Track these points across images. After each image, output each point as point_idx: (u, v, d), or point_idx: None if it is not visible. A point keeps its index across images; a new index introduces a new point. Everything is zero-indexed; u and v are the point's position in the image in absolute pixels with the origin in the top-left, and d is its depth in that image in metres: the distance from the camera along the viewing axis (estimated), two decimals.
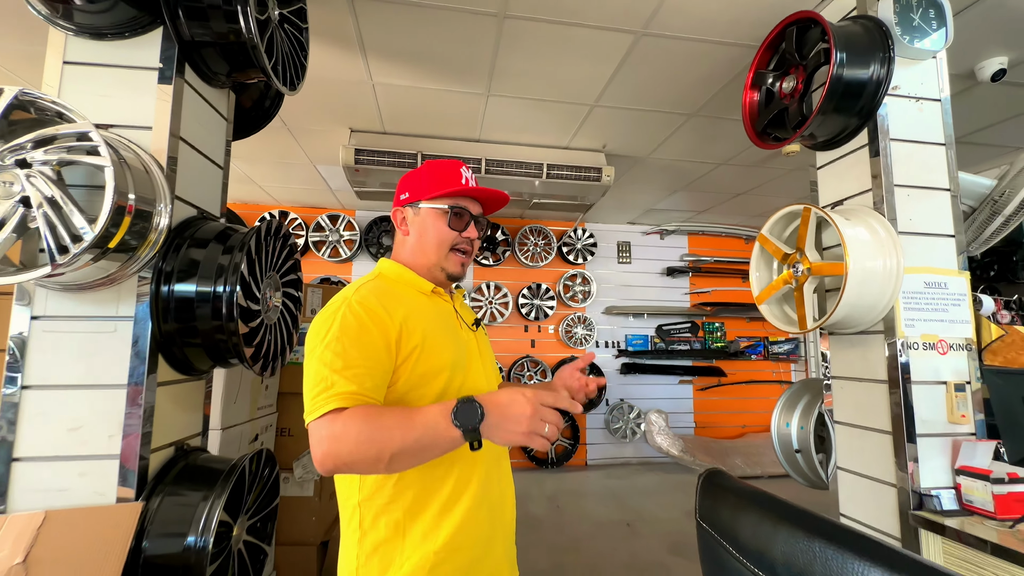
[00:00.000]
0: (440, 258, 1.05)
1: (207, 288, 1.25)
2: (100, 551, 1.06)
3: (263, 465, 1.45)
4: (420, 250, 1.05)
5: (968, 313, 1.64)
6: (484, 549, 0.93)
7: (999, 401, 1.40)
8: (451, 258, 1.05)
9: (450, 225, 1.03)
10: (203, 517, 1.18)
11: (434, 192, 1.03)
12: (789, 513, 0.67)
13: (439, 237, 1.04)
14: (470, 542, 0.91)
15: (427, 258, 1.05)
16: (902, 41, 1.66)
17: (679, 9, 1.93)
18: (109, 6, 1.22)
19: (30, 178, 1.00)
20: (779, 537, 0.66)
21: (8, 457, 1.12)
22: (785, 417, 2.06)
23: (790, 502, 0.69)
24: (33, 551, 1.02)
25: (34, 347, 1.17)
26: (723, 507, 0.79)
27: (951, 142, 1.72)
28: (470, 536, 0.91)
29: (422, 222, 1.05)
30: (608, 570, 2.77)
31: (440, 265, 1.05)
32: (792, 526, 0.65)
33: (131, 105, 1.27)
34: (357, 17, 2.00)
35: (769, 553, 0.67)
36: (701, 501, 0.84)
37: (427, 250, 1.05)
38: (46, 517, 1.07)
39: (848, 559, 0.56)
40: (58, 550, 1.04)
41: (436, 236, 1.04)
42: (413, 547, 0.87)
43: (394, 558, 0.87)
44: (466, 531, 0.90)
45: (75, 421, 1.16)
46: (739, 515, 0.75)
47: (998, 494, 1.41)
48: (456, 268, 1.06)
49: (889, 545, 0.55)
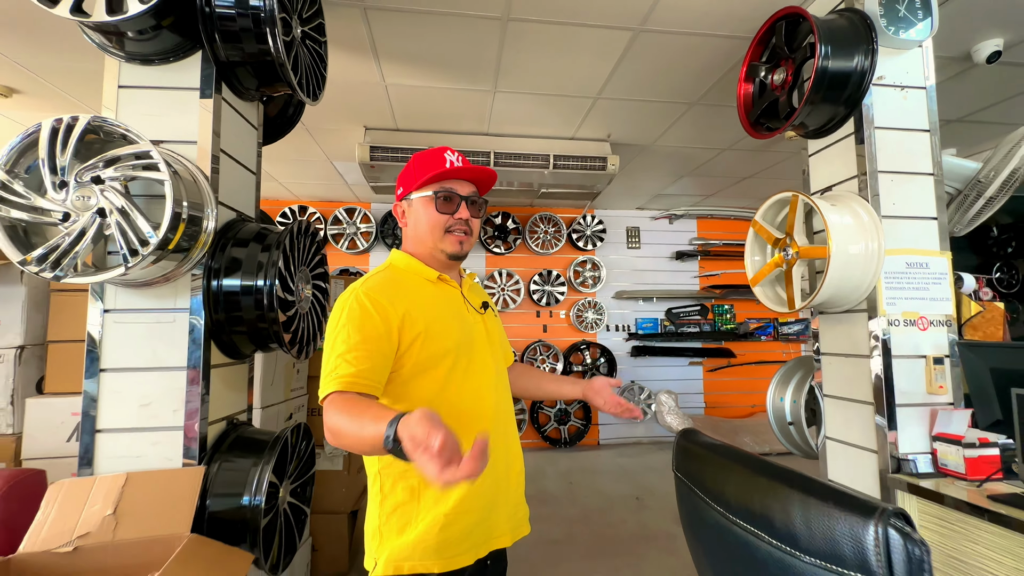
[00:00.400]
0: (436, 241, 1.09)
1: (250, 282, 1.43)
2: (173, 506, 1.26)
3: (301, 437, 1.64)
4: (418, 238, 1.12)
5: (949, 291, 1.74)
6: (486, 513, 1.05)
7: (970, 372, 1.51)
8: (447, 239, 1.09)
9: (438, 209, 1.08)
10: (255, 479, 1.37)
11: (420, 180, 1.08)
12: (739, 458, 0.82)
13: (431, 222, 1.09)
14: (475, 506, 1.02)
15: (425, 245, 1.11)
16: (886, 32, 1.73)
17: (673, 6, 2.03)
18: (155, 35, 1.38)
19: (104, 192, 1.18)
20: (731, 479, 0.81)
21: (93, 429, 1.33)
22: (780, 392, 2.19)
23: (741, 450, 0.84)
24: (120, 505, 1.23)
25: (108, 336, 1.36)
26: (692, 459, 0.94)
27: (936, 128, 1.80)
28: (475, 502, 1.02)
29: (415, 212, 1.11)
30: (618, 538, 2.95)
31: (439, 247, 1.10)
32: (741, 468, 0.80)
33: (177, 122, 1.44)
34: (370, 26, 2.13)
35: (725, 492, 0.82)
36: (676, 455, 1.00)
37: (423, 237, 1.10)
38: (127, 478, 1.27)
39: (776, 486, 0.71)
40: (139, 505, 1.24)
41: (428, 222, 1.09)
42: (427, 509, 0.99)
43: (411, 518, 1.00)
44: (472, 497, 1.01)
45: (145, 398, 1.35)
46: (704, 464, 0.90)
47: (969, 457, 1.53)
48: (454, 247, 1.10)
49: (801, 473, 0.70)
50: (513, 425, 1.19)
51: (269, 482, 1.37)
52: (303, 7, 1.63)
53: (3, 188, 1.14)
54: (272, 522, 1.44)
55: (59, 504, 1.22)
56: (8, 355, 2.03)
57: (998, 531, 1.32)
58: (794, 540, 0.66)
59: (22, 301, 2.07)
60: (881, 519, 0.57)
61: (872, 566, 0.57)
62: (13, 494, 1.44)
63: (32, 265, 1.15)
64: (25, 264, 1.14)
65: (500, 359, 1.20)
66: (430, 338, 1.02)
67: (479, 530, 1.04)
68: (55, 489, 1.24)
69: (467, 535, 1.02)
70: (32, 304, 2.10)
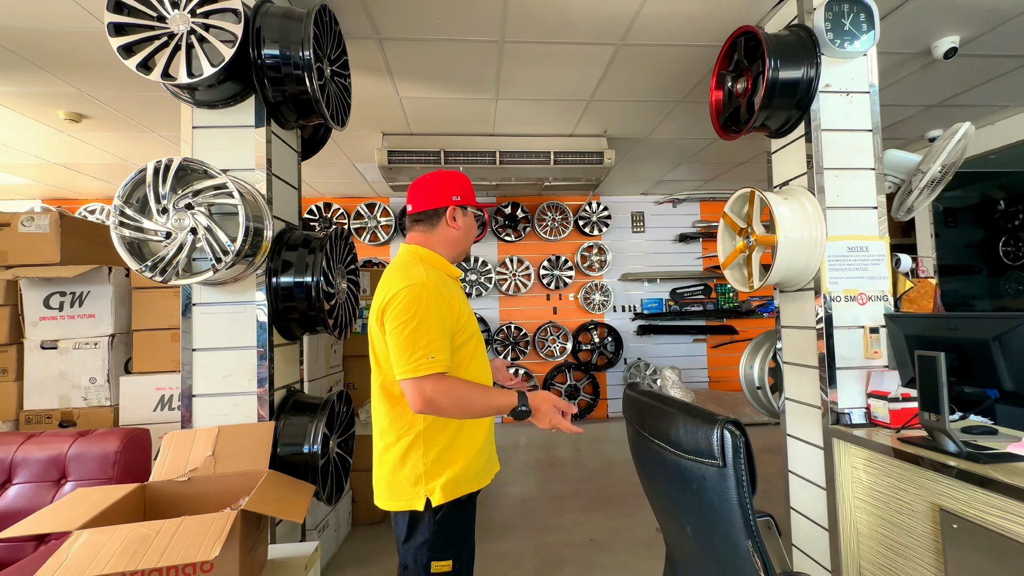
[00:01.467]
0: (467, 246, 1.42)
1: (301, 279, 1.81)
2: (253, 450, 1.67)
3: (344, 402, 2.04)
4: (460, 243, 1.39)
5: (886, 271, 2.01)
6: (492, 450, 1.41)
7: (893, 339, 1.79)
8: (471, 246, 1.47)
9: (475, 222, 1.47)
10: (312, 432, 1.77)
11: (473, 201, 1.41)
12: (656, 398, 1.15)
13: (470, 232, 1.42)
14: (488, 444, 1.37)
15: (462, 248, 1.40)
16: (832, 45, 1.98)
17: (647, 26, 2.30)
18: (220, 86, 1.74)
19: (194, 215, 1.56)
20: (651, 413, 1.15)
21: (190, 394, 1.74)
22: (750, 361, 2.50)
23: (658, 393, 1.18)
24: (216, 449, 1.64)
25: (196, 323, 1.77)
26: (633, 404, 1.29)
27: (878, 128, 2.05)
28: (487, 442, 1.37)
29: (468, 222, 1.41)
30: (615, 495, 3.33)
31: (464, 251, 1.42)
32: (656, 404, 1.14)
33: (238, 153, 1.81)
34: (385, 52, 2.46)
35: (646, 423, 1.16)
36: (624, 402, 1.34)
37: (465, 243, 1.41)
38: (219, 430, 1.68)
39: (670, 412, 1.05)
40: (229, 449, 1.65)
41: (469, 231, 1.41)
42: (466, 445, 1.29)
43: (457, 455, 1.28)
44: (486, 440, 1.36)
45: (227, 371, 1.76)
46: (639, 407, 1.24)
47: (893, 409, 1.84)
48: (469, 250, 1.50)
49: (682, 401, 1.04)
50: None
51: (323, 434, 1.78)
52: (331, 50, 1.97)
53: (122, 215, 1.54)
54: (325, 465, 1.85)
55: (173, 448, 1.63)
56: (103, 342, 2.48)
57: (904, 466, 1.63)
58: (680, 445, 1.01)
59: (110, 298, 2.51)
60: (720, 425, 0.91)
61: (715, 452, 0.91)
62: (129, 447, 1.88)
63: (146, 272, 1.55)
64: (141, 272, 1.54)
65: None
66: (463, 323, 1.31)
67: (491, 460, 1.40)
68: (168, 438, 1.66)
69: (486, 463, 1.37)
70: (118, 300, 2.54)
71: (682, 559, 1.17)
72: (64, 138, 3.46)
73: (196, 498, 1.55)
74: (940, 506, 1.51)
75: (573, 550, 2.60)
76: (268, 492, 1.48)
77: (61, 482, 1.81)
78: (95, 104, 2.94)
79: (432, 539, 1.25)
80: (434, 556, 1.24)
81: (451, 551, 1.26)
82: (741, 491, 0.89)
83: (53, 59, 2.45)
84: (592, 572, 2.39)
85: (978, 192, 5.12)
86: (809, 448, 2.08)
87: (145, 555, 1.13)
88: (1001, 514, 1.32)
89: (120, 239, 1.54)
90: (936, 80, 2.92)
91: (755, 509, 0.92)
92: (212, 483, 1.58)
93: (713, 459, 0.92)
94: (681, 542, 1.14)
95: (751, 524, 0.89)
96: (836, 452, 1.92)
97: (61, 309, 2.47)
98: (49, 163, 4.03)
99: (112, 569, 1.09)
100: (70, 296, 2.48)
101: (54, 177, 4.43)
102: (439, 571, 1.25)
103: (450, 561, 1.25)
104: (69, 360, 2.45)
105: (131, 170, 4.23)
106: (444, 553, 1.25)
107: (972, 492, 1.40)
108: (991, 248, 5.02)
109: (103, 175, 4.43)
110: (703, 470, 0.95)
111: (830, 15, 2.00)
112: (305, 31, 1.72)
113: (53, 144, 3.59)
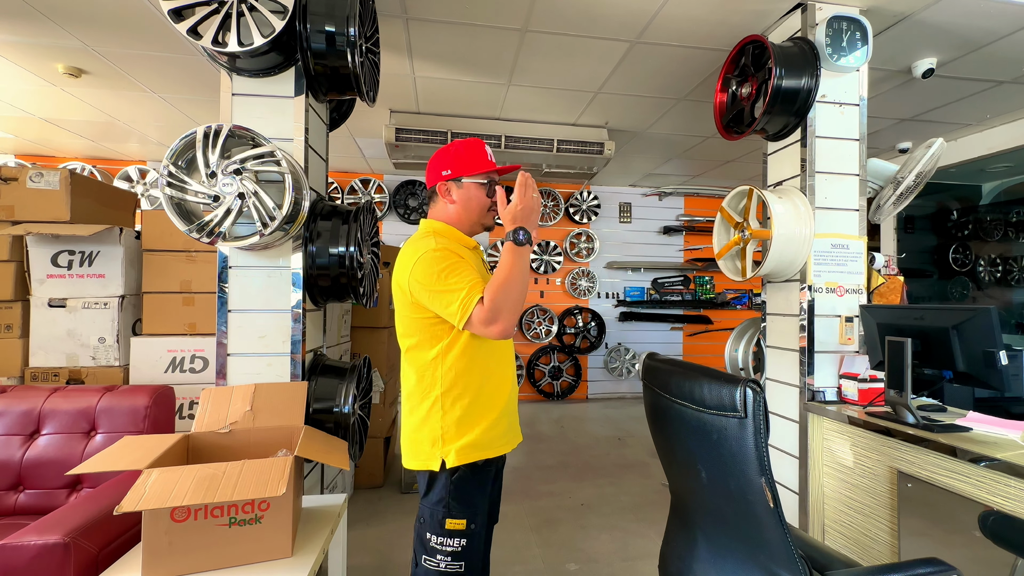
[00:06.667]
0: (481, 217, 1.40)
1: (335, 249, 1.89)
2: (289, 407, 1.77)
3: (369, 367, 2.15)
4: (466, 214, 1.39)
5: (863, 267, 2.26)
6: (512, 419, 1.44)
7: (866, 327, 2.03)
8: (488, 216, 1.41)
9: (487, 194, 1.40)
10: (343, 393, 1.88)
11: (475, 170, 1.37)
12: (677, 364, 1.33)
13: (481, 203, 1.39)
14: (512, 406, 1.42)
15: (470, 219, 1.39)
16: (830, 59, 2.18)
17: (663, 26, 2.44)
18: (261, 56, 1.79)
19: (243, 181, 1.63)
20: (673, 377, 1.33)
21: (226, 353, 1.82)
22: (735, 345, 2.73)
23: (678, 360, 1.35)
24: (253, 404, 1.73)
25: (232, 286, 1.83)
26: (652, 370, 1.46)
27: (864, 138, 2.27)
28: (512, 402, 1.42)
29: (467, 193, 1.37)
30: (601, 466, 3.56)
31: (481, 222, 1.41)
32: (678, 369, 1.31)
33: (278, 124, 1.86)
34: (410, 32, 2.52)
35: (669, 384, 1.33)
36: (643, 369, 1.51)
37: (471, 214, 1.39)
38: (256, 387, 1.77)
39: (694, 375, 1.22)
40: (266, 405, 1.75)
41: (479, 203, 1.39)
42: (485, 412, 1.33)
43: (475, 420, 1.32)
44: (511, 400, 1.41)
45: (262, 332, 1.84)
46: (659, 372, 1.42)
47: (862, 389, 2.09)
48: (491, 222, 1.43)
49: (705, 367, 1.22)
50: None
51: (353, 395, 1.89)
52: (368, 27, 2.03)
53: (171, 175, 1.59)
54: (353, 425, 1.96)
55: (211, 403, 1.71)
56: (112, 302, 2.48)
57: (870, 435, 1.88)
58: (704, 402, 1.18)
59: (121, 259, 2.51)
60: (742, 384, 1.09)
61: (738, 406, 1.09)
62: (158, 402, 1.94)
63: (194, 233, 1.61)
64: (189, 233, 1.60)
65: None
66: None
67: (511, 430, 1.42)
68: (207, 394, 1.73)
69: (505, 432, 1.39)
70: (128, 261, 2.54)
71: (694, 503, 1.36)
72: (55, 92, 3.35)
73: (237, 448, 1.65)
74: (898, 469, 1.76)
75: (565, 512, 2.81)
76: (312, 443, 1.59)
77: (91, 434, 1.86)
78: (98, 60, 2.87)
79: (448, 498, 1.30)
80: (449, 514, 1.30)
81: (466, 512, 1.31)
82: (758, 437, 1.08)
83: (64, 10, 2.39)
84: (585, 531, 2.61)
85: (935, 202, 5.55)
86: (786, 423, 2.33)
87: (218, 490, 1.24)
88: (948, 474, 1.57)
89: (168, 199, 1.60)
90: (912, 97, 3.19)
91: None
92: (252, 435, 1.67)
93: (736, 411, 1.10)
94: (694, 487, 1.33)
95: (765, 463, 1.08)
96: (810, 426, 2.17)
97: (70, 268, 2.45)
98: (32, 117, 3.86)
99: (191, 500, 1.20)
100: (79, 255, 2.47)
101: (32, 132, 4.25)
102: (453, 528, 1.30)
103: (464, 520, 1.30)
104: (78, 319, 2.45)
105: (120, 129, 4.14)
106: (459, 513, 1.30)
107: (925, 456, 1.65)
108: (943, 254, 5.48)
109: (86, 132, 4.27)
110: (724, 422, 1.14)
111: (831, 31, 2.19)
112: (351, 7, 1.78)
113: (41, 98, 3.45)
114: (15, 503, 1.79)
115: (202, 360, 2.51)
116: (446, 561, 1.28)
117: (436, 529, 1.30)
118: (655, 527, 2.62)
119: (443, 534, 1.29)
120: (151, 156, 4.98)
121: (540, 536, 2.57)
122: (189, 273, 2.55)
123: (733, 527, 1.22)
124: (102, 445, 1.83)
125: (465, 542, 1.29)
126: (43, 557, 1.30)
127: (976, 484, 1.49)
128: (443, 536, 1.29)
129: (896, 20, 2.38)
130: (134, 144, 4.59)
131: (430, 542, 1.30)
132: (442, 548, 1.29)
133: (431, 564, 1.29)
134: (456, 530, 1.30)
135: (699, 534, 1.33)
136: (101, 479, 1.80)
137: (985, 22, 2.37)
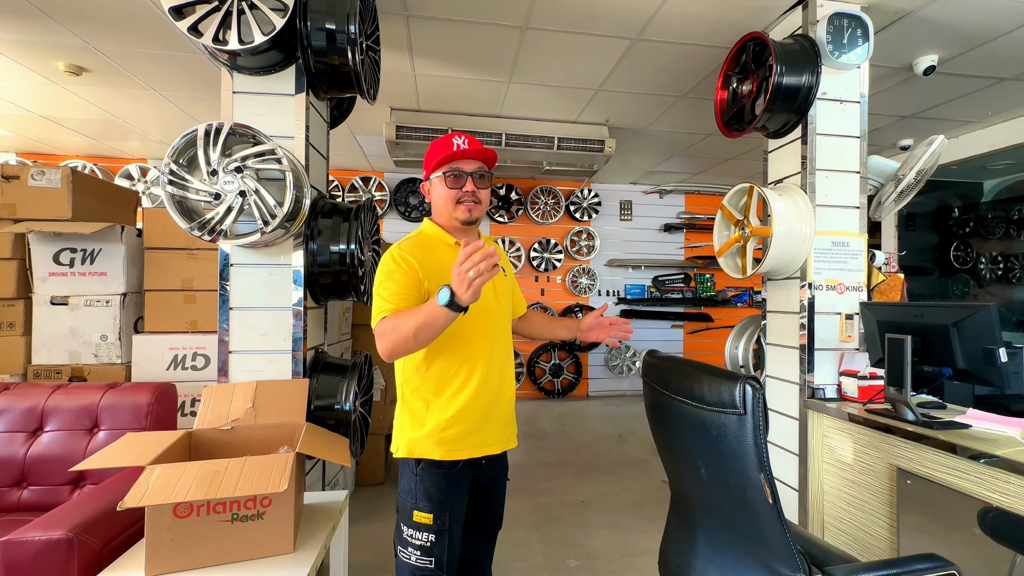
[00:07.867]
0: (450, 211, 1.34)
1: (335, 246, 1.90)
2: (290, 404, 1.78)
3: (369, 365, 2.16)
4: (438, 211, 1.38)
5: (863, 264, 2.26)
6: (479, 424, 1.34)
7: (866, 324, 2.03)
8: (459, 209, 1.33)
9: (449, 186, 1.32)
10: (345, 390, 1.89)
11: (434, 164, 1.33)
12: (677, 361, 1.33)
13: (445, 197, 1.33)
14: (469, 418, 1.32)
15: (444, 215, 1.36)
16: (831, 56, 2.17)
17: (663, 23, 2.44)
18: (261, 54, 1.79)
19: (244, 179, 1.63)
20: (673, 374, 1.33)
21: (227, 350, 1.83)
22: (735, 342, 2.74)
23: (678, 357, 1.36)
24: (255, 401, 1.74)
25: (234, 284, 1.84)
26: (652, 367, 1.46)
27: (865, 135, 2.27)
28: (470, 413, 1.32)
29: (435, 189, 1.36)
30: (601, 463, 3.57)
31: (453, 216, 1.34)
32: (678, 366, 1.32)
33: (278, 121, 1.87)
34: (410, 29, 2.52)
35: (669, 382, 1.34)
36: (643, 366, 1.52)
37: (441, 209, 1.36)
38: (258, 384, 1.78)
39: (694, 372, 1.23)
40: (268, 402, 1.75)
41: (443, 197, 1.34)
42: (434, 414, 1.30)
43: (423, 420, 1.31)
44: (467, 410, 1.31)
45: (263, 329, 1.85)
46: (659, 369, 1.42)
47: (861, 386, 2.10)
48: (464, 214, 1.34)
49: (704, 363, 1.22)
50: (509, 364, 1.45)
51: (354, 392, 1.90)
52: (368, 25, 2.03)
53: (172, 173, 1.60)
54: (354, 422, 1.97)
55: (213, 400, 1.72)
56: (114, 300, 2.49)
57: (869, 432, 1.89)
58: (703, 399, 1.19)
59: (122, 257, 2.51)
60: (741, 380, 1.09)
61: (737, 403, 1.10)
62: (160, 399, 1.95)
63: (195, 231, 1.61)
64: (191, 230, 1.61)
65: (504, 309, 1.45)
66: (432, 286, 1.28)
67: (473, 437, 1.34)
68: (209, 391, 1.74)
69: (462, 438, 1.32)
70: (130, 259, 2.54)
71: (693, 499, 1.37)
72: (56, 90, 3.35)
73: (239, 445, 1.66)
74: (897, 466, 1.77)
75: (566, 509, 2.82)
76: (313, 440, 1.60)
77: (94, 431, 1.87)
78: (99, 58, 2.87)
79: (415, 489, 1.31)
80: (416, 505, 1.30)
81: (433, 507, 1.30)
82: (757, 433, 1.08)
83: (65, 8, 2.39)
84: (585, 527, 2.62)
85: (936, 200, 5.54)
86: (786, 420, 2.33)
87: (220, 486, 1.25)
88: (947, 470, 1.58)
89: (170, 197, 1.60)
90: (913, 94, 3.18)
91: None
92: (254, 432, 1.68)
93: (735, 408, 1.11)
94: (694, 484, 1.33)
95: (764, 459, 1.08)
96: (810, 423, 2.17)
97: (72, 266, 2.46)
98: (33, 115, 3.87)
99: (194, 496, 1.21)
100: (81, 253, 2.47)
101: (33, 130, 4.25)
102: (420, 521, 1.29)
103: (431, 516, 1.29)
104: (80, 317, 2.46)
105: (120, 127, 4.14)
106: (425, 507, 1.29)
107: (925, 453, 1.65)
108: (944, 252, 5.47)
109: (87, 130, 4.28)
110: (723, 419, 1.14)
111: (831, 28, 2.19)
112: (351, 5, 1.78)
113: (42, 96, 3.46)
114: (19, 499, 1.80)
115: (204, 357, 2.52)
116: (416, 555, 1.29)
117: (407, 520, 1.31)
118: (655, 524, 2.63)
119: (412, 526, 1.30)
120: (152, 154, 4.99)
121: (541, 533, 2.58)
122: (190, 271, 2.56)
123: (732, 523, 1.23)
124: (105, 442, 1.84)
125: (434, 538, 1.29)
126: (47, 552, 1.31)
127: (976, 481, 1.49)
128: (412, 528, 1.30)
129: (897, 17, 2.37)
130: (135, 142, 4.59)
131: (403, 533, 1.32)
132: (412, 541, 1.30)
133: (404, 556, 1.31)
134: (423, 524, 1.29)
135: (699, 530, 1.34)
136: (104, 476, 1.81)
137: (986, 19, 2.37)
